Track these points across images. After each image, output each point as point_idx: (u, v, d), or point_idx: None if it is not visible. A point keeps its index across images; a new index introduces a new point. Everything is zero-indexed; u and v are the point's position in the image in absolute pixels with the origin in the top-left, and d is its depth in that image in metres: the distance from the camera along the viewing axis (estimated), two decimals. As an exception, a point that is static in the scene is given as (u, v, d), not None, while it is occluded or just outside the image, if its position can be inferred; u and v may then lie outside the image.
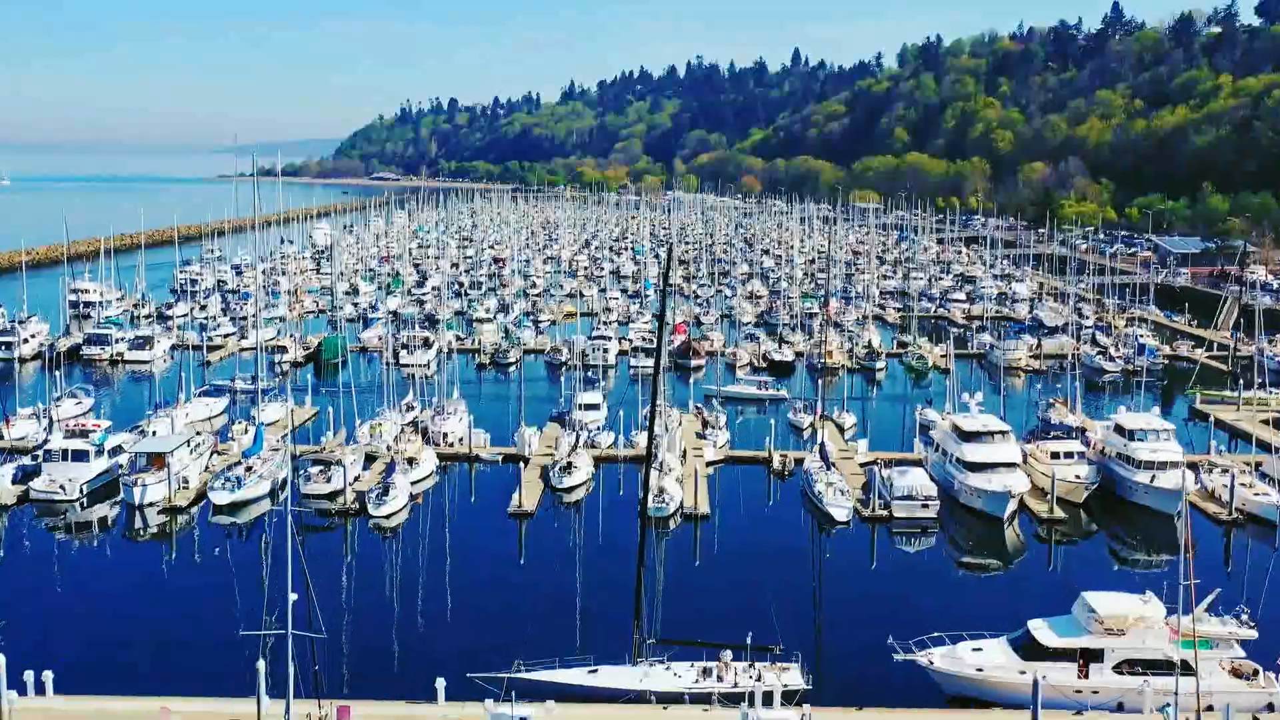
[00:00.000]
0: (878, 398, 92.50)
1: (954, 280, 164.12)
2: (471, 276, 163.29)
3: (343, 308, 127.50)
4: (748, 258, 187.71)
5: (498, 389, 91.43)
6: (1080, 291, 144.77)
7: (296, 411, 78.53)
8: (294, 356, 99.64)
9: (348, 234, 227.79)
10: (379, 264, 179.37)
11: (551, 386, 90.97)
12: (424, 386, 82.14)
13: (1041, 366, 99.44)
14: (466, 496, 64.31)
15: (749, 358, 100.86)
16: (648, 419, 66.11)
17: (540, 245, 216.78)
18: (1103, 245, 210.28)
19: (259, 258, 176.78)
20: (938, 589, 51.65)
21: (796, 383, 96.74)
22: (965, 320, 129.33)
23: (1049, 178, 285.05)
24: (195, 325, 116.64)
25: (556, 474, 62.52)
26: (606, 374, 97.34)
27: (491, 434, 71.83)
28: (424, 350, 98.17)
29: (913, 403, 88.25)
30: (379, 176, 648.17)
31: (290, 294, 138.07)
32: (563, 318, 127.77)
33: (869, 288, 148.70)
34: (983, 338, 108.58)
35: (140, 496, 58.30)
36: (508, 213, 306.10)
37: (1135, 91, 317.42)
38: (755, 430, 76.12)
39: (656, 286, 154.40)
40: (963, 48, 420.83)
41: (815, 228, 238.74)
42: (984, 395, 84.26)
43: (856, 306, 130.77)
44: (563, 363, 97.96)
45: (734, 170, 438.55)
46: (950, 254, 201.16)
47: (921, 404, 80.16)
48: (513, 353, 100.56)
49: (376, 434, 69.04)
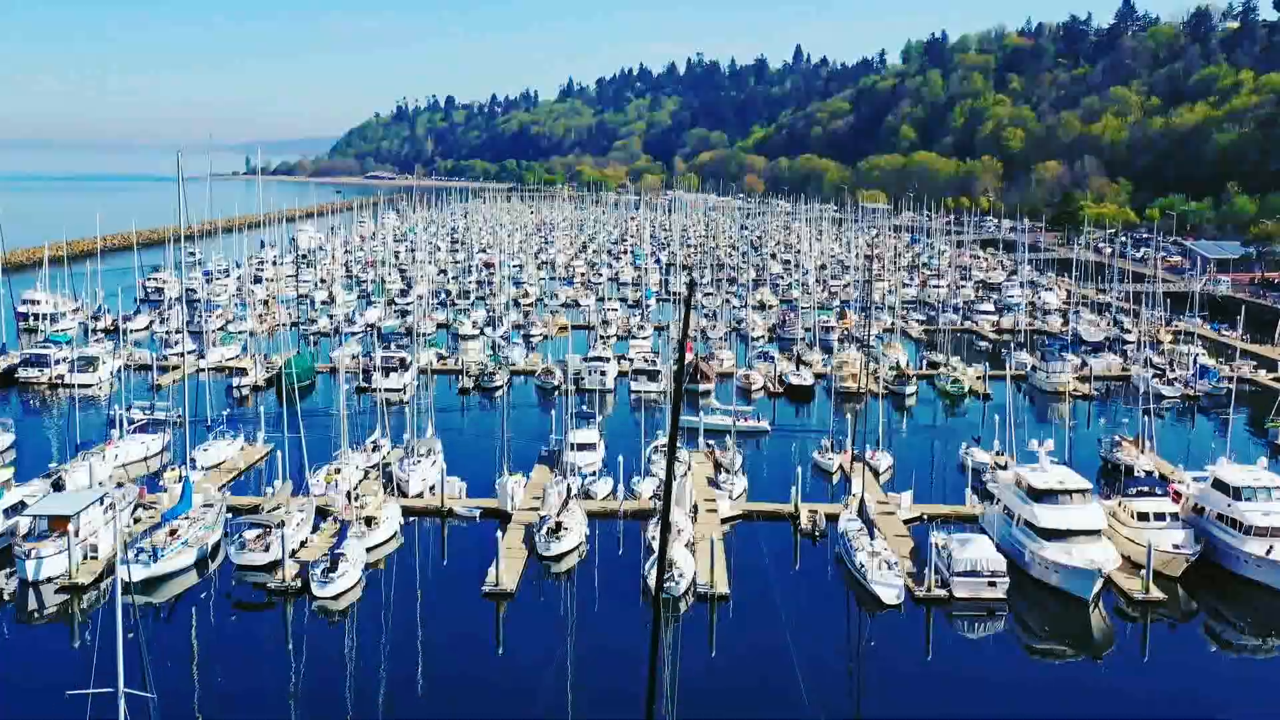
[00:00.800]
0: (909, 428, 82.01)
1: (975, 288, 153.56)
2: (460, 283, 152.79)
3: (317, 319, 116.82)
4: (754, 262, 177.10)
5: (480, 419, 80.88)
6: (1114, 301, 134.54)
7: (246, 450, 68.19)
8: (255, 379, 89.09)
9: (333, 236, 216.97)
10: (363, 269, 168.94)
11: (542, 415, 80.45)
12: (397, 418, 71.90)
13: (1091, 391, 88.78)
14: (437, 563, 53.79)
15: (763, 380, 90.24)
16: (661, 480, 56.38)
17: (535, 249, 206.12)
18: (1125, 249, 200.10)
19: (234, 263, 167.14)
20: (1008, 688, 41.61)
21: (815, 411, 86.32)
22: (995, 334, 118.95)
23: (1064, 177, 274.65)
24: (156, 341, 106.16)
25: (543, 539, 52.04)
26: (604, 399, 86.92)
27: (470, 480, 61.40)
28: (399, 373, 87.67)
29: (951, 434, 77.85)
30: (374, 175, 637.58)
31: (263, 303, 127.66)
32: (556, 331, 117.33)
33: (887, 297, 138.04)
34: (1021, 357, 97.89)
35: (35, 571, 47.81)
36: (501, 213, 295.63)
37: (1151, 88, 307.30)
38: (763, 466, 65.83)
39: (658, 295, 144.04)
40: (969, 44, 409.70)
41: (825, 230, 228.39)
42: (1028, 422, 74.40)
43: (876, 319, 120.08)
44: (554, 387, 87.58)
45: (736, 169, 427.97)
46: (968, 258, 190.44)
47: (967, 441, 69.60)
48: (499, 375, 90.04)
49: (332, 483, 58.59)
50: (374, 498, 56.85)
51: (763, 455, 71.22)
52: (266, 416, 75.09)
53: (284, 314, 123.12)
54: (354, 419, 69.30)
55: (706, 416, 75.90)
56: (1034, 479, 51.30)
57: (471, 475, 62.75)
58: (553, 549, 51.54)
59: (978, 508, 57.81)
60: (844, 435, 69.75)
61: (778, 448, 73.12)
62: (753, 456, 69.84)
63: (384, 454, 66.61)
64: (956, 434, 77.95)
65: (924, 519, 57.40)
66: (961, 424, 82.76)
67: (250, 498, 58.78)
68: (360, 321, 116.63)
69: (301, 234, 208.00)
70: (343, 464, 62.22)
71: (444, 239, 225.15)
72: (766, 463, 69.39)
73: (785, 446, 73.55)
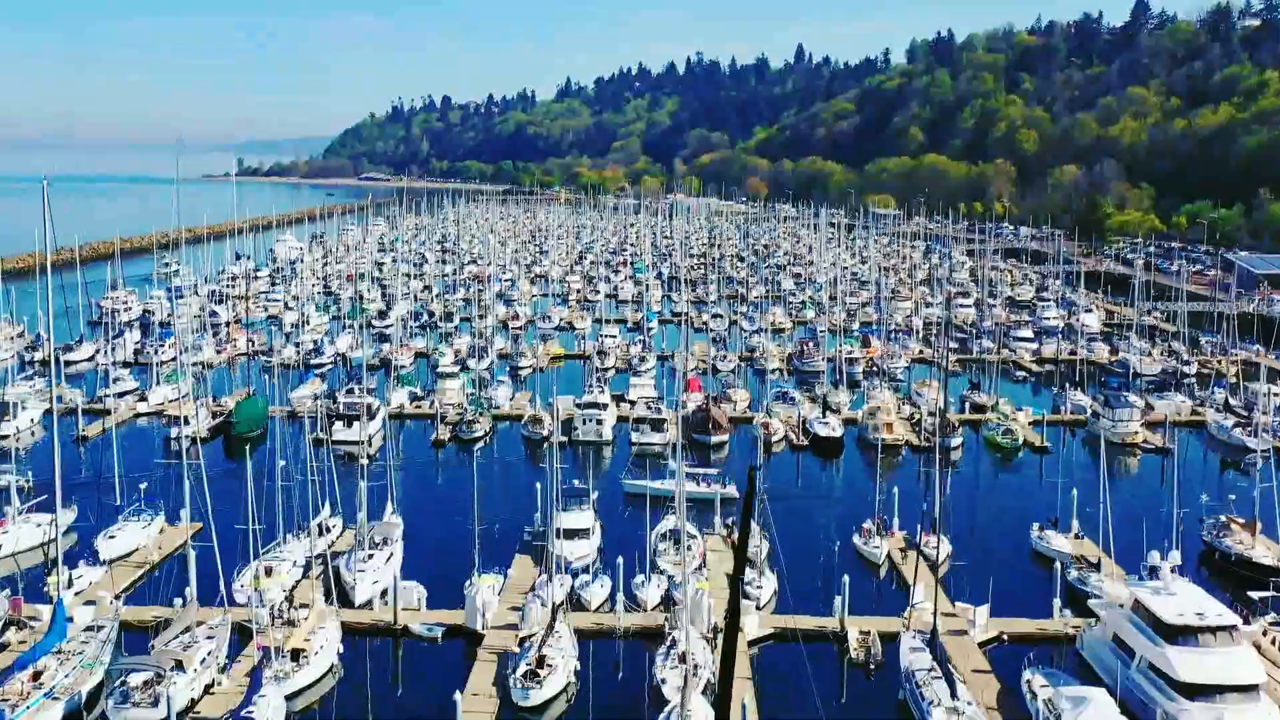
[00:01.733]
0: (958, 491, 69.76)
1: (1003, 305, 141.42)
2: (445, 301, 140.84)
3: (283, 349, 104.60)
4: (762, 275, 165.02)
5: (454, 482, 68.38)
6: (1154, 321, 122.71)
7: (167, 533, 56.24)
8: (198, 429, 76.82)
9: (315, 247, 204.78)
10: (343, 283, 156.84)
11: (527, 473, 68.57)
12: (351, 485, 59.72)
13: (1167, 444, 76.56)
14: (382, 706, 41.78)
15: (784, 429, 78.07)
16: (672, 578, 44.09)
17: (528, 260, 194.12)
18: (1157, 260, 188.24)
19: (204, 278, 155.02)
20: None
21: (845, 468, 74.26)
22: (1037, 365, 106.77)
23: (1081, 182, 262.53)
24: (101, 375, 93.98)
25: (519, 683, 40.00)
26: (601, 454, 75.01)
27: (433, 578, 49.60)
28: (363, 422, 75.62)
29: (1010, 501, 65.98)
30: (368, 176, 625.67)
31: (225, 325, 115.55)
32: (548, 362, 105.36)
33: (911, 319, 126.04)
34: (1077, 398, 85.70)
35: None
36: (495, 219, 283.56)
37: (1170, 88, 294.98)
38: (790, 553, 53.93)
39: (660, 317, 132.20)
40: (977, 43, 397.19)
41: (836, 238, 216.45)
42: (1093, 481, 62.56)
43: (903, 347, 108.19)
44: (543, 438, 75.74)
45: (738, 171, 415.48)
46: (990, 270, 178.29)
47: (1041, 524, 57.52)
48: (480, 424, 77.88)
49: (258, 592, 46.56)
50: (310, 611, 44.88)
51: (786, 532, 59.02)
52: (201, 480, 62.98)
53: (246, 341, 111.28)
54: (303, 487, 57.28)
55: (664, 482, 63.70)
56: (1160, 607, 39.25)
57: (436, 570, 51.02)
58: (531, 698, 39.57)
59: (1070, 623, 45.94)
60: (890, 513, 57.75)
61: (806, 523, 61.06)
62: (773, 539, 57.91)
63: (332, 539, 54.74)
64: (1016, 501, 66.11)
65: (1004, 639, 45.58)
66: (1017, 485, 70.86)
67: (158, 609, 46.74)
68: (329, 351, 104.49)
69: (281, 244, 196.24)
70: (277, 558, 50.31)
71: (433, 248, 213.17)
72: (794, 547, 57.33)
73: (816, 521, 61.60)
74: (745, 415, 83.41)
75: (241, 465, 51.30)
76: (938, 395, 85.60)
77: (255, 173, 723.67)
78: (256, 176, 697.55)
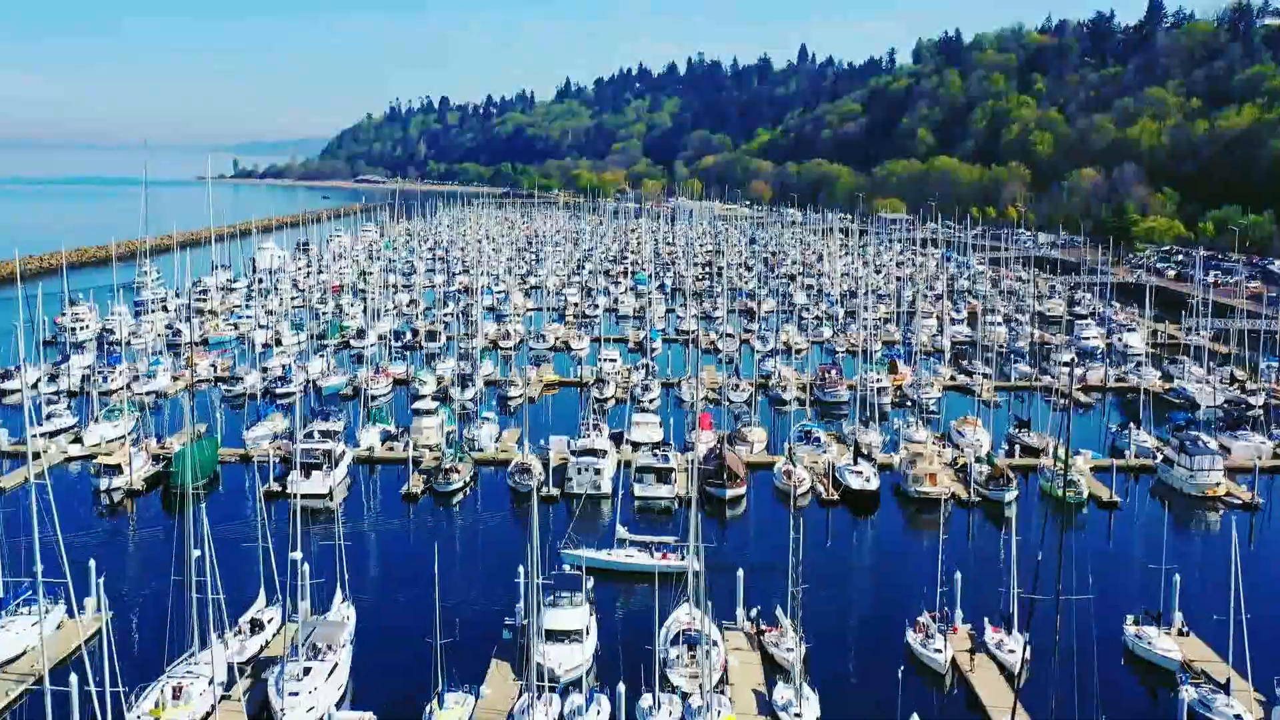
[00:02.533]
0: (1019, 559, 59.20)
1: (1032, 320, 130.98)
2: (431, 317, 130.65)
3: (245, 376, 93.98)
4: (771, 285, 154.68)
5: (423, 556, 57.50)
6: (1202, 341, 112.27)
7: (66, 629, 45.88)
8: (131, 480, 66.54)
9: (299, 255, 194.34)
10: (323, 297, 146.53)
11: (511, 537, 58.37)
12: (301, 558, 49.36)
13: (1256, 499, 66.04)
14: None
15: (810, 480, 67.56)
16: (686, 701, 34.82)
17: (523, 270, 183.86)
18: (1185, 269, 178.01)
19: (175, 290, 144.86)
20: None
21: (884, 525, 63.91)
22: (1083, 393, 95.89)
23: (1100, 186, 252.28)
24: (42, 407, 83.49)
25: None
26: (599, 509, 64.73)
27: (385, 698, 39.40)
28: (324, 472, 65.39)
29: (1085, 574, 55.49)
30: (364, 179, 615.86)
31: (188, 346, 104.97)
32: (541, 390, 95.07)
33: (937, 339, 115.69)
34: (1139, 438, 75.13)
35: None
36: (490, 224, 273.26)
37: (1190, 89, 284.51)
38: (825, 650, 43.63)
39: (664, 335, 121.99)
40: (986, 42, 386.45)
41: (850, 247, 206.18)
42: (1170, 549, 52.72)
43: (933, 373, 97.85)
44: (530, 490, 65.42)
45: (741, 174, 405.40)
46: (1012, 280, 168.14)
47: (1137, 616, 47.11)
48: (459, 472, 67.45)
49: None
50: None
51: (825, 626, 48.48)
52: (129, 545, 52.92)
53: (210, 364, 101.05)
54: (241, 566, 47.09)
55: (611, 552, 54.00)
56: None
57: (391, 686, 40.77)
58: None
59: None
60: (951, 597, 47.39)
61: (847, 611, 50.71)
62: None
63: (265, 640, 44.47)
64: (1095, 576, 55.56)
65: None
66: (1092, 553, 60.10)
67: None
68: (298, 378, 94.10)
69: (263, 251, 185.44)
70: (190, 673, 39.97)
71: (424, 256, 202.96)
72: (836, 646, 46.99)
73: (858, 607, 51.28)
74: (763, 459, 73.02)
75: (175, 527, 40.98)
76: (982, 435, 75.55)
77: (251, 175, 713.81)
78: (251, 179, 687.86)
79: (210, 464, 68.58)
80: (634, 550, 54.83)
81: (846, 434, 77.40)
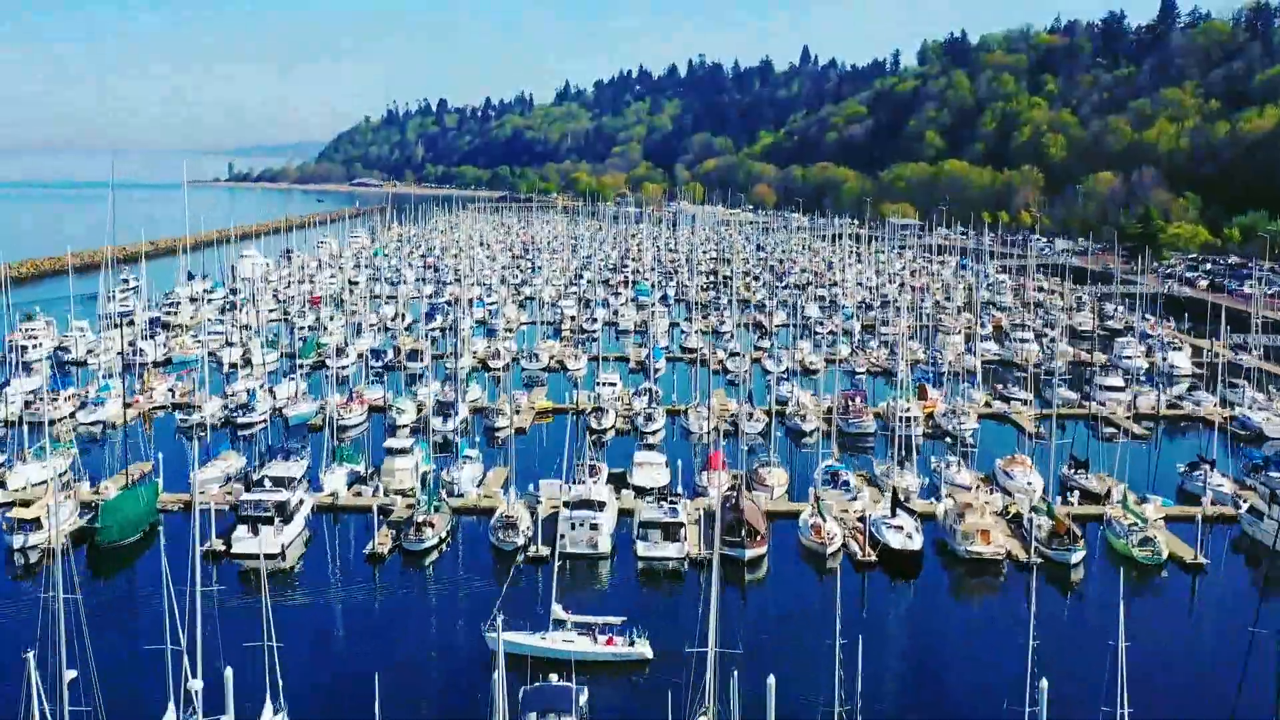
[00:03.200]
0: (1079, 625, 49.65)
1: (1063, 335, 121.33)
2: (416, 332, 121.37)
3: (202, 404, 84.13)
4: (780, 296, 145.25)
5: (380, 648, 48.48)
6: (1254, 362, 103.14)
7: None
8: (50, 537, 57.06)
9: (282, 264, 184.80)
10: (304, 309, 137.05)
11: (491, 603, 48.80)
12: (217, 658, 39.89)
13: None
14: None
15: (843, 537, 58.00)
16: None
17: (518, 280, 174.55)
18: (1220, 278, 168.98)
19: (145, 303, 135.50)
20: None
21: (925, 592, 54.42)
22: (1131, 421, 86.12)
23: (1118, 190, 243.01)
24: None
25: None
26: (596, 573, 55.43)
27: None
28: (276, 527, 56.07)
29: (1181, 660, 46.25)
30: (360, 182, 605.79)
31: (142, 367, 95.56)
32: (532, 419, 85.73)
33: (965, 358, 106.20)
34: (1214, 481, 65.53)
35: None
36: (486, 229, 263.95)
37: (1208, 90, 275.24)
38: None
39: (667, 354, 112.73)
40: (995, 43, 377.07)
41: (855, 251, 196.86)
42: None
43: (968, 400, 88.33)
44: (517, 549, 56.23)
45: (744, 178, 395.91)
46: (1034, 290, 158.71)
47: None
48: (435, 525, 57.98)
49: None
50: None
51: None
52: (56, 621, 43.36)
53: (166, 390, 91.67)
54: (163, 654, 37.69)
55: (544, 637, 44.41)
56: None
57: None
58: None
59: None
60: (1035, 693, 37.82)
61: (899, 714, 41.35)
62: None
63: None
64: (1200, 664, 46.34)
65: None
66: (1184, 635, 50.89)
67: None
68: (263, 404, 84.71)
69: (245, 259, 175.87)
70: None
71: (414, 263, 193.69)
72: None
73: (913, 707, 41.91)
74: (784, 507, 63.61)
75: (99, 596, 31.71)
76: (1034, 479, 66.20)
77: (246, 178, 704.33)
78: (246, 182, 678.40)
79: (144, 516, 59.19)
80: (574, 634, 45.22)
81: (879, 475, 68.01)
